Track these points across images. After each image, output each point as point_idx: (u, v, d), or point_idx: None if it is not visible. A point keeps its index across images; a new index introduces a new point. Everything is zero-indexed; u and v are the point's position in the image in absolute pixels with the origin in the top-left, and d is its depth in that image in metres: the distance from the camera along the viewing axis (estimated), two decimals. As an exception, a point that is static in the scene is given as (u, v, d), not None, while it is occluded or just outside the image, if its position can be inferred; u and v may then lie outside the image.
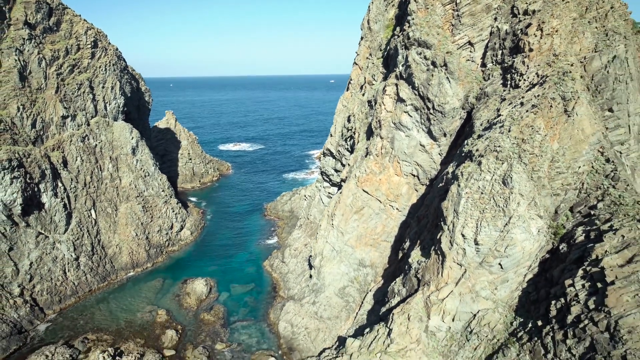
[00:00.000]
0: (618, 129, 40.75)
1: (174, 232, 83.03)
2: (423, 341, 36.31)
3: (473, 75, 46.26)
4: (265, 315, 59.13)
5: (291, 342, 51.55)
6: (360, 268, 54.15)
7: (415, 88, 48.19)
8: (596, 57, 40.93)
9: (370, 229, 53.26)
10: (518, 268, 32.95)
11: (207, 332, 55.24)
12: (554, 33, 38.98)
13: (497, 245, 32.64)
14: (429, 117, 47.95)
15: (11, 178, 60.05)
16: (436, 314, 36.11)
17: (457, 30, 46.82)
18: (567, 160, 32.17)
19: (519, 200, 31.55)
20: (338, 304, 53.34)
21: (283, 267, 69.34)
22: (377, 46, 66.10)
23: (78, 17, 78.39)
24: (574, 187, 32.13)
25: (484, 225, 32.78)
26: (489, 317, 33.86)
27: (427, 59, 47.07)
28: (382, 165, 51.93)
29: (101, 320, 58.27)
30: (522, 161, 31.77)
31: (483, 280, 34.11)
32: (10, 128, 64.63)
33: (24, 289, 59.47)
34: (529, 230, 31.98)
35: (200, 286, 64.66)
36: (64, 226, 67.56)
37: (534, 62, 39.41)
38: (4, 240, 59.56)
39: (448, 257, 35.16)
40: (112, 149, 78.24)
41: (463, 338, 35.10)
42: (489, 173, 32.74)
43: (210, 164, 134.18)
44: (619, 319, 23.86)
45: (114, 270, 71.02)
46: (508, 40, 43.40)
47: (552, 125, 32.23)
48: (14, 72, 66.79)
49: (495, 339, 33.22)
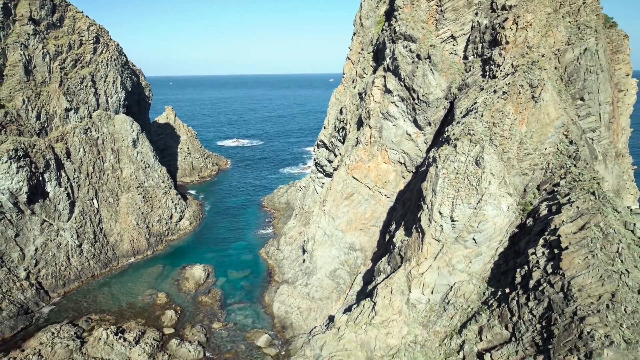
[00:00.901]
0: (589, 116, 43.50)
1: (174, 222, 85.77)
2: (404, 312, 39.10)
3: (455, 67, 48.97)
4: (260, 298, 61.87)
5: (284, 320, 54.32)
6: (351, 252, 56.91)
7: (401, 80, 50.91)
8: (569, 50, 43.69)
9: (360, 214, 55.99)
10: (490, 242, 35.71)
11: (204, 313, 57.99)
12: (528, 27, 41.67)
13: (471, 221, 35.39)
14: (415, 107, 50.67)
15: (17, 167, 62.68)
16: (417, 287, 38.88)
17: (441, 24, 49.53)
18: (534, 142, 34.91)
19: (490, 179, 34.31)
20: (329, 285, 56.11)
21: (278, 254, 72.08)
22: (368, 41, 68.78)
23: (80, 13, 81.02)
24: (540, 167, 34.87)
25: (459, 203, 35.53)
26: (464, 288, 36.62)
27: (412, 52, 49.78)
28: (371, 153, 54.65)
29: (104, 303, 60.99)
30: (493, 143, 34.52)
31: (459, 254, 36.87)
32: (16, 119, 67.29)
33: (30, 272, 62.17)
34: (500, 207, 34.74)
35: (199, 271, 67.40)
36: (68, 214, 70.27)
37: (509, 54, 42.09)
38: (10, 227, 62.23)
39: (427, 233, 37.92)
40: (114, 141, 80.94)
41: (441, 309, 37.89)
42: (464, 155, 35.49)
43: (209, 158, 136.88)
44: (571, 280, 26.62)
45: (116, 257, 73.76)
46: (487, 34, 46.10)
47: (521, 110, 34.97)
48: (19, 66, 69.40)
49: (470, 308, 36.01)
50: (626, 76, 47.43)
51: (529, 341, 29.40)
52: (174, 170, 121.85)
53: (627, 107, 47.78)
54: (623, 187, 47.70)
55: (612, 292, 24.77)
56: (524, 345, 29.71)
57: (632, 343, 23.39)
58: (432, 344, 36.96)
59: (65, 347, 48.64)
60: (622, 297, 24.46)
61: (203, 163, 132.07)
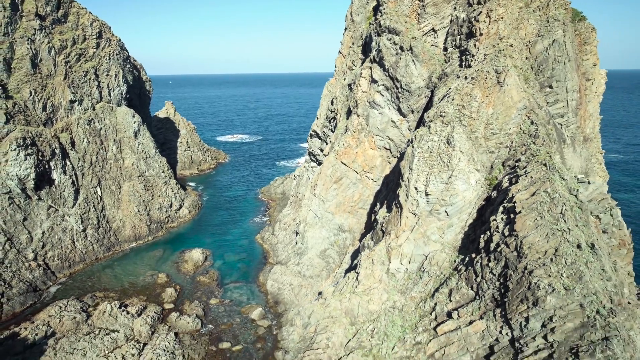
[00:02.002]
0: (557, 103, 47.06)
1: (173, 210, 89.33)
2: (384, 281, 42.71)
3: (436, 58, 52.52)
4: (255, 278, 65.45)
5: (277, 296, 57.92)
6: (340, 233, 60.50)
7: (386, 70, 54.46)
8: (539, 41, 47.23)
9: (348, 197, 59.56)
10: (461, 214, 39.30)
11: (202, 291, 61.60)
12: (499, 19, 45.20)
13: (443, 195, 38.98)
14: (398, 95, 54.23)
15: (25, 155, 66.23)
16: (396, 257, 42.49)
17: (422, 18, 53.07)
18: (499, 123, 38.44)
19: (459, 156, 37.88)
20: (319, 264, 59.70)
21: (273, 239, 75.67)
22: (358, 36, 72.31)
23: (84, 9, 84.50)
24: (505, 145, 38.42)
25: (432, 178, 39.11)
26: (437, 257, 40.22)
27: (396, 44, 53.32)
28: (359, 140, 58.21)
29: (107, 282, 64.59)
30: (462, 124, 38.08)
31: (433, 226, 40.46)
32: (24, 110, 70.84)
33: (37, 254, 65.74)
34: (469, 182, 38.31)
35: (197, 254, 70.99)
36: (72, 201, 73.83)
37: (483, 44, 45.62)
38: (18, 211, 65.80)
39: (405, 208, 41.51)
40: (116, 132, 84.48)
41: (417, 276, 41.49)
42: (436, 135, 39.06)
43: (207, 152, 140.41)
44: (523, 239, 30.21)
45: (118, 242, 77.34)
46: (464, 26, 49.64)
47: (488, 94, 38.51)
48: (26, 60, 72.93)
49: (442, 275, 39.62)
50: (593, 66, 50.95)
51: (489, 297, 33.03)
52: (174, 163, 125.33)
53: (594, 95, 51.29)
54: (591, 170, 51.25)
55: (555, 247, 28.36)
56: (485, 301, 33.36)
57: (570, 289, 26.98)
58: (408, 308, 40.56)
59: (72, 319, 52.22)
60: (563, 251, 28.04)
61: (202, 157, 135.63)
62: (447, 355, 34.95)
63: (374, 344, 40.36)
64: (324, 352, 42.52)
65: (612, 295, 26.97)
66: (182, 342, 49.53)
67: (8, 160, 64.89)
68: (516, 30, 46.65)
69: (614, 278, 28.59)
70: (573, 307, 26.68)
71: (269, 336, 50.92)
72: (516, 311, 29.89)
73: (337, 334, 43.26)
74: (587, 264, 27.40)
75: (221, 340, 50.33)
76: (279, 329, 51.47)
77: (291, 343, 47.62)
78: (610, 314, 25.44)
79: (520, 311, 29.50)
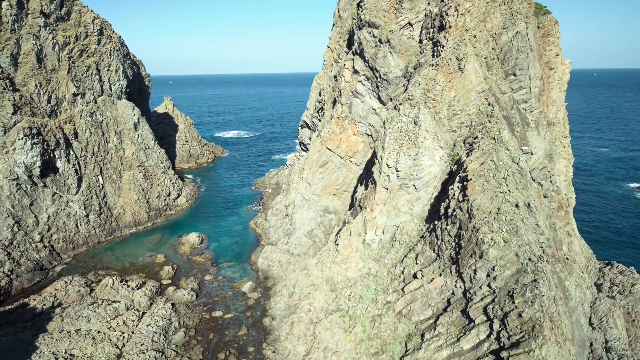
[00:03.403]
0: (521, 89, 51.34)
1: (172, 198, 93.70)
2: (360, 250, 47.04)
3: (412, 49, 56.80)
4: (247, 258, 69.77)
5: (267, 272, 62.25)
6: (325, 214, 64.82)
7: (366, 61, 58.76)
8: (504, 33, 51.53)
9: (333, 181, 63.88)
10: (427, 188, 43.60)
11: (198, 269, 65.96)
12: (466, 13, 49.47)
13: (411, 171, 43.28)
14: (378, 85, 58.54)
15: (31, 144, 70.60)
16: (371, 229, 46.81)
17: (400, 13, 57.36)
18: (460, 105, 42.71)
19: (425, 135, 42.18)
20: (307, 243, 64.02)
21: (265, 224, 79.98)
22: (345, 31, 76.61)
23: (86, 7, 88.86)
24: (466, 124, 42.69)
25: (401, 155, 43.40)
26: (407, 227, 44.53)
27: (375, 37, 57.62)
28: (342, 126, 62.52)
29: (109, 262, 68.97)
30: (427, 106, 42.37)
31: (403, 199, 44.77)
32: (30, 102, 75.22)
33: (43, 236, 70.12)
34: (434, 158, 42.61)
35: (194, 237, 75.36)
36: (76, 188, 78.20)
37: (451, 36, 49.89)
38: (25, 196, 70.18)
39: (378, 183, 45.82)
40: (117, 124, 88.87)
41: (389, 245, 45.80)
42: (405, 116, 43.36)
43: (205, 147, 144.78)
44: (472, 202, 34.51)
45: (119, 227, 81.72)
46: (437, 20, 53.91)
47: (450, 79, 42.80)
48: (32, 55, 77.32)
49: (411, 242, 43.93)
50: (556, 56, 55.13)
51: (447, 257, 37.36)
52: (173, 157, 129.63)
53: (557, 83, 55.50)
54: (555, 152, 55.49)
55: (498, 207, 32.65)
56: (444, 260, 37.68)
57: (508, 241, 31.28)
58: (381, 274, 44.87)
59: (77, 291, 56.60)
60: (504, 210, 32.34)
61: (200, 151, 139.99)
62: (412, 311, 39.33)
63: (350, 306, 44.69)
64: (306, 316, 46.89)
65: (544, 246, 31.25)
66: (178, 311, 53.90)
67: (16, 148, 69.28)
68: (483, 22, 50.94)
69: (547, 233, 32.85)
70: (510, 256, 30.99)
71: (258, 306, 55.26)
72: (467, 265, 34.23)
73: (318, 299, 47.62)
74: (523, 220, 31.70)
75: (214, 309, 54.69)
76: (268, 300, 55.80)
77: (278, 311, 51.97)
78: (539, 260, 29.74)
79: (469, 265, 33.83)
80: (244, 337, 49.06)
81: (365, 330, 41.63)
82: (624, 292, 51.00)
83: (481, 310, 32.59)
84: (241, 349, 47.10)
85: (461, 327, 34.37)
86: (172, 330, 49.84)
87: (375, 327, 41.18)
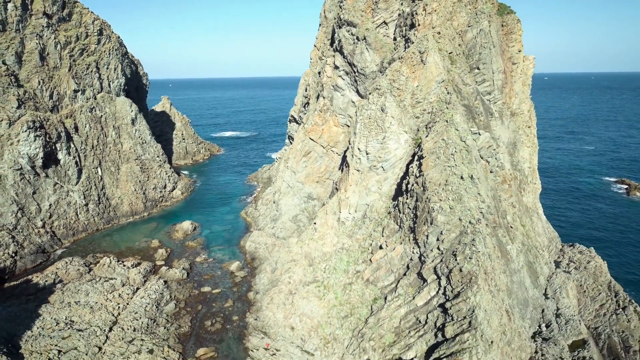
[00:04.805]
0: (484, 82, 55.99)
1: (167, 190, 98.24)
2: (335, 227, 51.54)
3: (387, 46, 61.49)
4: (237, 243, 74.21)
5: (254, 254, 66.69)
6: (309, 200, 69.34)
7: (345, 57, 63.46)
8: (469, 30, 56.23)
9: (316, 169, 68.44)
10: (394, 169, 48.14)
11: (190, 252, 70.42)
12: (433, 12, 54.19)
13: (379, 153, 47.84)
14: (356, 79, 63.21)
15: (35, 136, 75.22)
16: (345, 207, 51.32)
17: (376, 13, 62.10)
18: (423, 94, 47.33)
19: (391, 121, 46.77)
20: (291, 227, 68.49)
21: (255, 213, 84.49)
22: (330, 31, 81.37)
23: (86, 9, 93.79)
24: (427, 111, 47.28)
25: (370, 140, 47.98)
26: (376, 205, 49.04)
27: (353, 35, 62.36)
28: (324, 118, 67.14)
29: (106, 247, 73.42)
30: (393, 94, 46.98)
31: (373, 180, 49.31)
32: (33, 97, 79.94)
33: (45, 223, 74.61)
34: (399, 142, 47.19)
35: (187, 224, 79.85)
36: (76, 179, 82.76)
37: (420, 33, 54.60)
38: (29, 185, 74.74)
39: (351, 166, 50.38)
40: (115, 119, 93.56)
41: (361, 222, 50.28)
42: (374, 104, 47.97)
43: (201, 144, 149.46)
44: (426, 176, 39.07)
45: (117, 216, 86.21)
46: (408, 19, 58.65)
47: (414, 70, 47.44)
48: (35, 53, 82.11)
49: (379, 218, 48.41)
50: (518, 52, 59.80)
51: (407, 227, 41.87)
52: (169, 154, 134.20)
53: (520, 76, 60.13)
54: (519, 140, 60.12)
55: (446, 179, 37.20)
56: (405, 230, 42.19)
57: (453, 208, 35.80)
58: (353, 247, 49.34)
59: (76, 270, 61.02)
60: (451, 181, 36.87)
61: (196, 148, 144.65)
62: (378, 278, 43.80)
63: (325, 277, 49.14)
64: (286, 287, 51.33)
65: (484, 212, 35.76)
66: (170, 286, 58.34)
67: (20, 140, 73.91)
68: (449, 21, 55.68)
69: (488, 201, 37.34)
70: (455, 221, 35.50)
71: (245, 283, 59.68)
72: (421, 232, 38.73)
73: (297, 272, 52.07)
74: (466, 190, 36.21)
75: (203, 285, 59.15)
76: (253, 277, 60.23)
77: (261, 286, 56.41)
78: (477, 222, 34.25)
79: (423, 231, 38.34)
80: (230, 308, 53.48)
81: (337, 297, 46.06)
82: (579, 268, 55.45)
83: (432, 270, 37.06)
84: (226, 318, 51.51)
85: (417, 287, 38.84)
86: (164, 302, 54.24)
87: (345, 294, 45.61)
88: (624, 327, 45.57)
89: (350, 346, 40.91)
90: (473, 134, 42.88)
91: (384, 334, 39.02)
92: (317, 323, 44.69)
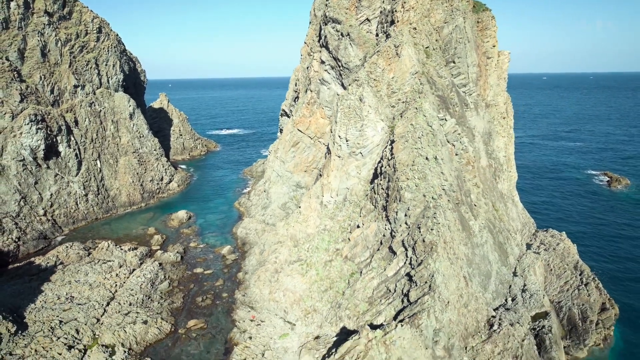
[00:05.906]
0: (460, 75, 59.57)
1: (164, 183, 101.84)
2: (318, 210, 55.11)
3: (370, 42, 65.06)
4: (230, 230, 77.82)
5: (244, 239, 70.29)
6: (297, 189, 72.92)
7: (330, 52, 67.05)
8: (445, 27, 59.82)
9: (304, 159, 72.02)
10: (371, 155, 51.72)
11: (184, 238, 74.02)
12: (411, 9, 57.76)
13: (358, 140, 51.41)
14: (341, 73, 66.79)
15: (36, 129, 78.81)
16: (327, 192, 54.89)
17: (359, 10, 65.71)
18: (398, 84, 50.90)
19: (368, 109, 50.35)
20: (280, 214, 72.07)
21: (248, 203, 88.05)
22: (319, 28, 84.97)
23: (86, 8, 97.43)
24: (402, 101, 50.87)
25: (350, 127, 51.55)
26: (355, 188, 52.60)
27: (338, 31, 65.94)
28: (312, 110, 70.73)
29: (105, 234, 77.01)
30: (370, 85, 50.55)
31: (352, 165, 52.89)
32: (35, 92, 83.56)
33: (47, 211, 78.21)
34: (376, 129, 50.76)
35: (182, 213, 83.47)
36: (76, 170, 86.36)
37: (399, 29, 58.18)
38: (31, 176, 78.34)
39: (332, 152, 53.96)
40: (114, 114, 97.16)
41: (342, 205, 53.85)
42: (353, 94, 51.55)
43: (199, 140, 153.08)
44: (396, 158, 42.64)
45: (115, 206, 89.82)
46: (389, 16, 62.23)
47: (389, 63, 51.02)
48: (37, 50, 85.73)
49: (358, 201, 51.96)
50: (493, 47, 63.40)
51: (380, 206, 45.46)
52: (167, 149, 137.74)
53: (494, 70, 63.72)
54: (494, 130, 63.69)
55: (413, 160, 40.77)
56: (379, 209, 45.77)
57: (419, 185, 39.39)
58: (334, 228, 52.90)
59: (77, 253, 64.62)
60: (417, 162, 40.46)
61: (193, 144, 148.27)
62: (355, 254, 47.39)
63: (308, 256, 52.70)
64: (272, 266, 54.90)
65: (446, 189, 39.33)
66: (165, 268, 61.94)
67: (22, 132, 77.51)
68: (427, 17, 59.23)
69: (450, 180, 40.88)
70: (420, 197, 39.08)
71: (235, 265, 63.29)
72: (392, 209, 42.31)
73: (283, 253, 55.64)
74: (430, 169, 39.78)
75: (196, 267, 62.77)
76: (243, 260, 63.83)
77: (250, 267, 59.99)
78: (439, 198, 37.82)
79: (393, 209, 41.92)
80: (220, 287, 57.08)
81: (319, 273, 49.65)
82: (548, 249, 59.03)
83: (401, 244, 40.64)
84: (216, 295, 55.12)
85: (388, 260, 42.41)
86: (159, 281, 57.83)
87: (326, 270, 49.20)
88: (584, 301, 49.15)
89: (328, 316, 44.47)
90: (440, 119, 46.39)
91: (358, 303, 42.59)
92: (299, 297, 48.24)
